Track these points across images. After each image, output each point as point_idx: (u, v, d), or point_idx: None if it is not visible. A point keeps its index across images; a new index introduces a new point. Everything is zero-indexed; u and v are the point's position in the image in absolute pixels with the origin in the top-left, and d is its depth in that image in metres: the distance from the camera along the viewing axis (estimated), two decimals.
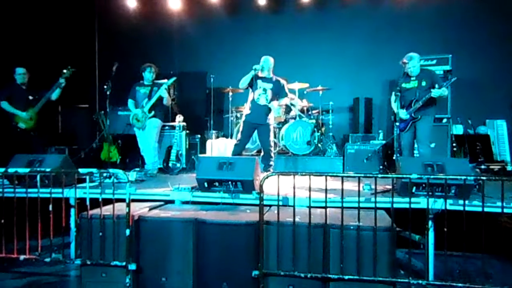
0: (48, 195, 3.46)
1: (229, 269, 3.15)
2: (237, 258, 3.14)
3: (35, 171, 3.68)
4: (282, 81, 5.38)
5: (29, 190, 3.54)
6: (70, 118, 7.93)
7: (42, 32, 7.60)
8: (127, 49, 5.34)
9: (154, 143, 5.67)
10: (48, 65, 5.79)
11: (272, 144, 5.49)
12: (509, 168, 5.54)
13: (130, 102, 5.73)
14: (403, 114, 4.83)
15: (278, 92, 5.29)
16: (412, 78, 4.87)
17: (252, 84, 5.23)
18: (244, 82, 5.16)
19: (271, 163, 5.38)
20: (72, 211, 3.80)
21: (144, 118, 5.53)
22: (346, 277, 2.91)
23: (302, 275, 2.97)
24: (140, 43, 8.29)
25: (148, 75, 5.65)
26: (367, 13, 7.94)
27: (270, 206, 3.52)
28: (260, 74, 5.24)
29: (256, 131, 5.39)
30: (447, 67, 6.52)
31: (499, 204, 3.03)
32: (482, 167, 5.54)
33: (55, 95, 5.49)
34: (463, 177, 3.09)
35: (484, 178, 3.15)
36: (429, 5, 7.55)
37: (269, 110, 5.30)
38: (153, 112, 5.56)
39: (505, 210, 3.06)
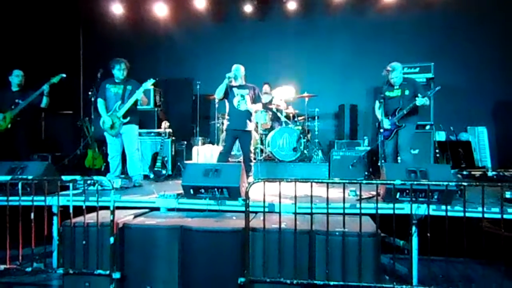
0: (30, 203, 3.39)
1: (215, 276, 3.13)
2: (223, 265, 3.13)
3: (16, 178, 3.61)
4: (256, 87, 5.48)
5: (10, 198, 3.46)
6: (53, 125, 7.82)
7: (26, 38, 7.51)
8: (113, 56, 5.23)
9: (137, 152, 5.22)
10: (32, 71, 5.69)
11: (252, 149, 5.56)
12: (490, 173, 5.66)
13: (100, 102, 5.08)
14: (386, 123, 4.91)
15: (255, 97, 5.38)
16: (395, 87, 4.96)
17: (228, 95, 5.31)
18: (220, 91, 5.20)
19: (251, 167, 5.43)
20: (55, 219, 3.73)
21: (118, 125, 5.00)
22: (332, 283, 2.93)
23: (288, 281, 2.97)
24: (126, 50, 8.21)
25: (118, 72, 5.05)
26: (351, 22, 8.09)
27: (256, 212, 3.52)
28: (234, 83, 5.32)
29: (238, 138, 5.42)
30: (430, 75, 6.67)
31: (480, 209, 3.09)
32: (464, 173, 5.66)
33: (44, 102, 5.39)
34: (445, 183, 3.16)
35: (465, 184, 3.22)
36: (411, 14, 7.72)
37: (250, 115, 5.38)
38: (128, 118, 5.03)
39: (486, 215, 3.13)
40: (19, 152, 5.28)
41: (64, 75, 5.35)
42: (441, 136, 6.92)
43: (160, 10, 8.39)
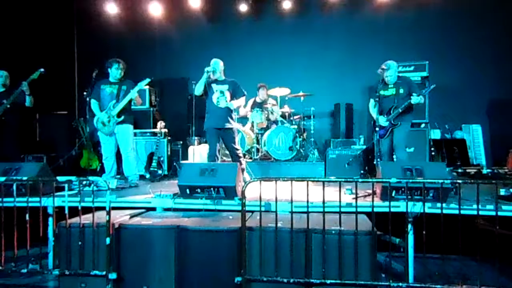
0: (25, 204, 3.37)
1: (211, 276, 3.13)
2: (220, 265, 3.13)
3: (11, 179, 3.59)
4: (236, 82, 5.26)
5: (5, 199, 3.44)
6: (48, 125, 7.77)
7: (20, 37, 7.46)
8: (107, 55, 5.19)
9: (132, 152, 5.18)
10: (26, 71, 5.64)
11: (239, 147, 5.36)
12: (484, 171, 5.69)
13: (94, 103, 5.07)
14: (382, 121, 4.92)
15: (235, 92, 5.18)
16: (390, 86, 4.97)
17: (207, 91, 5.15)
18: (199, 87, 5.07)
19: (243, 166, 5.23)
20: (50, 220, 3.70)
21: (112, 123, 4.98)
22: (328, 281, 2.93)
23: (285, 280, 2.98)
24: (121, 49, 8.18)
25: (116, 72, 5.06)
26: (347, 21, 8.11)
27: (252, 212, 3.52)
28: (212, 78, 5.14)
29: (220, 137, 5.19)
30: (425, 73, 6.68)
31: (475, 206, 3.11)
32: (459, 170, 5.68)
33: (28, 101, 5.30)
34: (440, 181, 3.17)
35: (460, 181, 3.24)
36: (407, 13, 7.75)
37: (231, 111, 5.18)
38: (122, 117, 5.03)
39: (481, 212, 3.15)
40: (7, 153, 5.19)
41: (42, 70, 5.20)
42: (436, 134, 6.95)
43: (155, 10, 8.38)
